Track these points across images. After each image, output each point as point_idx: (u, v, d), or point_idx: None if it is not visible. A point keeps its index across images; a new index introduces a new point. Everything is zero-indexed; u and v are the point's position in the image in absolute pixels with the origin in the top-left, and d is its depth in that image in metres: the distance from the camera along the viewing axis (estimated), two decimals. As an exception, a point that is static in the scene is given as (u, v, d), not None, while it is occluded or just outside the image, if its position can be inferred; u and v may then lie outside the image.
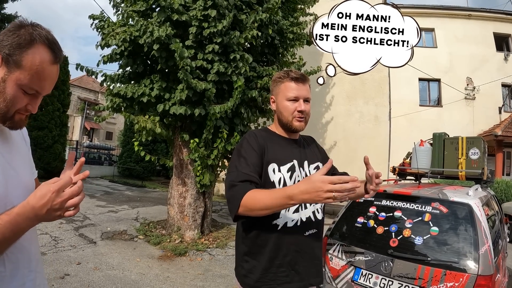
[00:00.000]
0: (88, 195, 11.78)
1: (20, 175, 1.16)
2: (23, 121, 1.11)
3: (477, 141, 4.03)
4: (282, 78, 1.82)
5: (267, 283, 1.68)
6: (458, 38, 15.37)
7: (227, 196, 1.61)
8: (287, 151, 1.81)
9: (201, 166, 6.55)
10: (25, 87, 1.03)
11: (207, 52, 6.07)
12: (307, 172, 1.83)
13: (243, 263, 1.75)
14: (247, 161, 1.65)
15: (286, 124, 1.81)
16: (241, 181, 1.58)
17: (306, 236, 1.75)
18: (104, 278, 4.63)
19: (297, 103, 1.77)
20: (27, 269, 1.16)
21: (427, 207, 3.01)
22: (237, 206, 1.53)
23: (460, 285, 2.51)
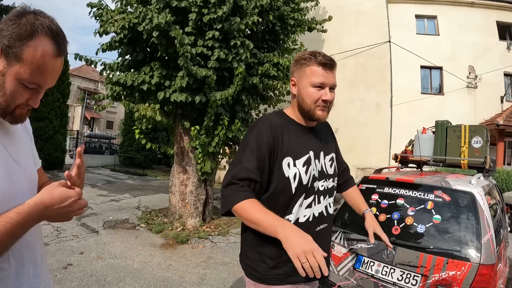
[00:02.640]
0: (90, 184, 11.82)
1: (23, 167, 1.13)
2: (24, 116, 1.07)
3: (480, 130, 4.00)
4: (308, 60, 1.64)
5: (274, 276, 1.62)
6: (461, 26, 15.23)
7: (223, 192, 1.56)
8: (304, 142, 1.70)
9: (202, 153, 6.54)
10: (25, 81, 0.97)
11: (207, 38, 6.02)
12: (323, 164, 1.74)
13: (251, 253, 1.69)
14: (253, 155, 1.55)
15: (307, 112, 1.67)
16: (242, 179, 1.51)
17: (317, 231, 1.69)
18: (106, 267, 4.65)
19: (322, 91, 1.63)
20: (32, 265, 1.15)
21: (429, 195, 2.99)
22: (228, 207, 1.50)
23: (462, 274, 2.51)
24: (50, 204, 0.96)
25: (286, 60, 6.76)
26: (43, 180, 1.32)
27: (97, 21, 6.64)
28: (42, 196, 0.97)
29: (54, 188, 1.00)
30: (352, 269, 3.13)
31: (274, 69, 6.75)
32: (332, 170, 1.80)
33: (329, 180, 1.77)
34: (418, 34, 15.33)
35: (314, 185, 1.67)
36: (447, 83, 14.99)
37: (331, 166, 1.80)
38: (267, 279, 1.62)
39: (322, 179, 1.72)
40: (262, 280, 1.63)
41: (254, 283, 1.66)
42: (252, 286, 1.68)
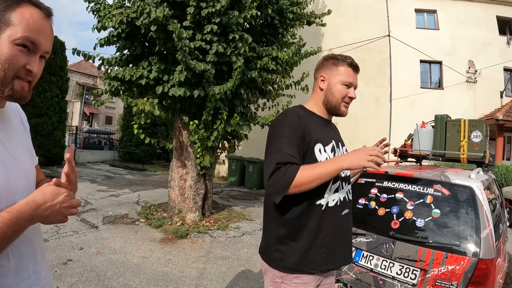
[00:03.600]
0: (89, 180, 11.81)
1: (21, 163, 1.12)
2: (25, 91, 1.04)
3: (480, 124, 3.99)
4: (341, 61, 1.85)
5: (306, 265, 1.70)
6: (461, 20, 15.18)
7: (272, 179, 1.60)
8: (327, 132, 1.86)
9: (201, 148, 6.53)
10: (19, 40, 0.97)
11: (206, 32, 5.98)
12: (342, 153, 1.89)
13: (280, 246, 1.75)
14: (291, 141, 1.65)
15: (333, 107, 1.86)
16: (287, 163, 1.59)
17: (343, 215, 1.83)
18: (106, 263, 4.66)
19: (350, 89, 1.85)
20: (32, 262, 1.14)
21: (429, 189, 2.99)
22: (286, 188, 1.57)
23: (461, 269, 2.51)
24: (42, 202, 0.96)
25: (284, 54, 6.73)
26: (40, 177, 1.31)
27: (94, 16, 6.60)
28: (33, 194, 0.98)
29: (44, 186, 1.00)
30: (351, 263, 3.13)
31: (273, 63, 6.73)
32: None
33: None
34: (418, 29, 15.27)
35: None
36: (447, 77, 14.97)
37: None
38: (299, 268, 1.70)
39: None
40: (294, 269, 1.71)
41: (284, 274, 1.72)
42: (278, 279, 1.75)
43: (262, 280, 4.45)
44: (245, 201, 10.12)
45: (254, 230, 6.76)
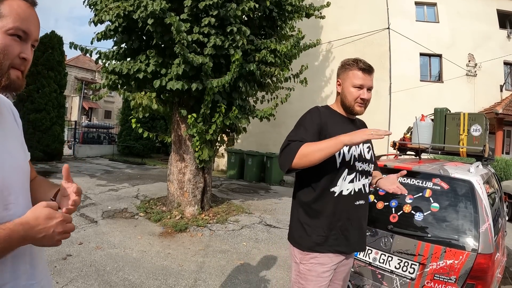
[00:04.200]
0: (88, 174, 11.81)
1: (16, 159, 1.13)
2: (20, 80, 1.06)
3: (479, 118, 3.97)
4: (351, 66, 2.05)
5: (320, 245, 1.95)
6: (461, 13, 15.05)
7: (283, 151, 1.88)
8: (346, 128, 2.02)
9: (200, 141, 6.52)
10: (11, 30, 1.00)
11: (203, 25, 5.93)
12: (362, 149, 2.10)
13: (299, 226, 2.03)
14: (307, 131, 1.92)
15: (348, 107, 2.07)
16: (298, 141, 1.85)
17: (356, 205, 2.04)
18: (106, 257, 4.67)
19: (361, 91, 2.02)
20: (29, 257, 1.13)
21: (428, 183, 2.98)
22: (292, 157, 1.80)
23: (460, 263, 2.52)
24: (35, 224, 0.96)
25: (283, 46, 6.69)
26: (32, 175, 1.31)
27: (91, 10, 6.56)
28: (27, 215, 0.98)
29: (39, 208, 0.99)
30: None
31: (272, 55, 6.69)
32: (369, 156, 2.17)
33: (366, 164, 2.12)
34: (418, 21, 15.15)
35: (356, 165, 2.04)
36: (447, 71, 14.89)
37: (368, 153, 2.17)
38: (313, 247, 1.96)
39: (361, 161, 2.08)
40: (309, 248, 1.97)
41: (302, 255, 2.00)
42: (297, 259, 2.03)
43: (261, 273, 4.48)
44: (244, 194, 10.13)
45: (253, 224, 6.77)
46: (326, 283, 1.99)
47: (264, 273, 4.53)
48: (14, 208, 1.07)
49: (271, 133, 14.44)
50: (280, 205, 8.79)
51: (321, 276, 1.97)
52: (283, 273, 4.54)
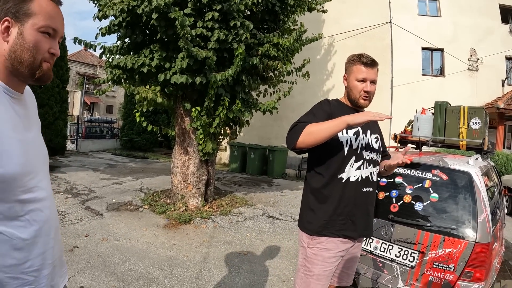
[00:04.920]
0: (92, 168, 11.89)
1: (38, 145, 1.26)
2: (50, 71, 1.18)
3: (479, 111, 4.01)
4: (355, 61, 2.16)
5: (327, 228, 2.06)
6: (463, 8, 14.98)
7: (290, 130, 2.00)
8: None
9: (203, 134, 6.59)
10: (42, 28, 1.10)
11: (207, 19, 5.98)
12: (369, 139, 2.20)
13: (308, 211, 2.15)
14: (316, 117, 2.03)
15: (353, 100, 2.18)
16: (303, 122, 1.98)
17: (364, 192, 2.14)
18: (112, 249, 4.74)
19: (364, 84, 2.13)
20: (47, 237, 1.21)
21: (427, 174, 3.05)
22: (298, 134, 1.92)
23: (458, 252, 2.58)
24: None
25: (286, 40, 6.73)
26: None
27: (95, 5, 6.60)
28: None
29: None
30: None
31: (274, 49, 6.74)
32: (376, 146, 2.25)
33: (373, 153, 2.22)
34: (420, 15, 15.11)
35: (363, 153, 2.14)
36: (448, 65, 14.86)
37: (375, 143, 2.25)
38: (320, 231, 2.07)
39: (368, 150, 2.18)
40: (316, 232, 2.08)
41: (309, 239, 2.11)
42: (304, 243, 2.15)
43: (264, 263, 4.57)
44: (247, 187, 10.20)
45: (256, 215, 6.85)
46: (331, 268, 2.09)
47: (268, 263, 4.61)
48: (38, 191, 1.17)
49: (273, 127, 14.48)
50: (282, 198, 8.86)
51: (326, 261, 2.07)
52: (286, 263, 4.63)
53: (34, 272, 1.16)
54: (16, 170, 1.05)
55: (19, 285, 1.11)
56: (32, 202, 1.14)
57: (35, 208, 1.15)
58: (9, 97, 1.11)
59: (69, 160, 13.66)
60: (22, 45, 1.08)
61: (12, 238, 1.07)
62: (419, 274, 2.75)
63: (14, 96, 1.14)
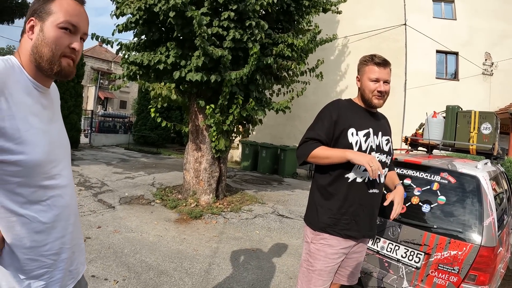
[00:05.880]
0: (105, 162, 12.06)
1: (62, 137, 1.35)
2: (71, 67, 1.24)
3: (490, 116, 4.02)
4: (367, 61, 2.19)
5: (331, 226, 2.10)
6: (478, 11, 14.74)
7: (299, 148, 2.15)
8: (365, 120, 2.20)
9: (217, 131, 6.67)
10: (62, 24, 1.17)
11: (223, 19, 6.06)
12: (380, 141, 2.22)
13: (314, 207, 2.20)
14: (324, 125, 2.11)
15: (367, 100, 2.20)
16: (312, 138, 2.11)
17: (370, 193, 2.15)
18: (123, 240, 4.85)
19: (378, 84, 2.15)
20: (66, 222, 1.30)
21: (436, 176, 3.07)
22: (306, 155, 2.09)
23: (463, 254, 2.61)
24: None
25: (300, 41, 6.77)
26: None
27: (113, 3, 6.73)
28: None
29: None
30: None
31: (289, 49, 6.78)
32: (387, 148, 2.27)
33: (383, 155, 2.23)
34: (435, 18, 14.94)
35: (372, 155, 2.13)
36: (463, 69, 14.66)
37: (386, 145, 2.27)
38: (324, 228, 2.12)
39: (378, 152, 2.20)
40: (320, 228, 2.13)
41: (313, 235, 2.17)
42: (308, 239, 2.21)
43: (272, 260, 4.63)
44: (258, 185, 10.24)
45: (266, 213, 6.90)
46: (333, 264, 2.13)
47: (276, 260, 4.68)
48: (60, 179, 1.27)
49: (285, 126, 14.49)
50: (292, 197, 8.89)
51: (329, 257, 2.11)
52: (293, 261, 4.68)
53: (53, 256, 1.24)
54: (41, 158, 1.14)
55: (37, 267, 1.19)
56: (54, 188, 1.23)
57: (56, 194, 1.24)
58: (37, 91, 1.20)
59: (83, 154, 13.86)
60: (42, 41, 1.15)
61: (32, 221, 1.16)
62: (424, 275, 2.78)
63: (41, 91, 1.23)
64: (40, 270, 1.20)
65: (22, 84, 1.14)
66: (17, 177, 1.09)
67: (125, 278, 3.76)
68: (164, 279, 3.84)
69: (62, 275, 1.29)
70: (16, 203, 1.11)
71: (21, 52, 1.19)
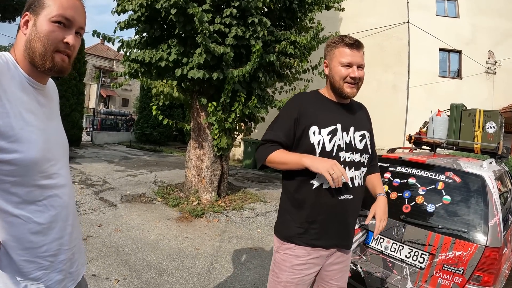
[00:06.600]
0: (107, 160, 12.05)
1: (60, 135, 1.32)
2: (65, 63, 1.20)
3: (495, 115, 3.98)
4: (337, 43, 1.85)
5: (298, 237, 1.85)
6: (482, 9, 14.70)
7: (257, 151, 1.91)
8: (332, 115, 1.88)
9: (219, 129, 6.65)
10: (55, 17, 1.13)
11: (225, 16, 6.03)
12: (351, 138, 1.89)
13: (283, 215, 1.95)
14: (283, 124, 1.86)
15: (337, 89, 1.86)
16: (269, 140, 1.86)
17: (340, 200, 1.83)
18: (125, 239, 4.83)
19: (350, 69, 1.81)
20: (64, 223, 1.27)
21: (440, 175, 3.04)
22: (263, 159, 1.86)
23: (468, 255, 2.57)
24: None
25: (303, 38, 6.73)
26: None
27: (114, 0, 6.70)
28: None
29: None
30: (362, 245, 3.24)
31: (291, 47, 6.75)
32: (361, 145, 1.93)
33: (357, 154, 1.90)
34: (438, 16, 14.89)
35: (340, 155, 1.83)
36: (466, 67, 14.61)
37: (360, 141, 1.93)
38: (289, 237, 1.88)
39: (350, 151, 1.87)
40: (286, 238, 1.89)
41: (279, 244, 1.93)
42: (276, 247, 1.97)
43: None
44: (260, 183, 10.22)
45: (269, 212, 6.89)
46: (301, 276, 1.87)
47: (278, 259, 4.64)
48: (57, 178, 1.23)
49: (287, 124, 14.47)
50: (294, 196, 8.80)
51: (295, 268, 1.87)
52: (296, 260, 4.65)
53: (50, 257, 1.21)
54: (36, 156, 1.11)
55: (34, 269, 1.16)
56: (52, 188, 1.20)
57: (53, 194, 1.21)
58: (33, 88, 1.17)
59: (84, 152, 13.85)
60: (35, 36, 1.12)
61: (27, 222, 1.12)
62: (428, 275, 2.75)
63: (37, 87, 1.19)
64: (37, 272, 1.17)
65: (17, 80, 1.11)
66: (11, 176, 1.06)
67: (126, 277, 3.74)
68: (166, 278, 3.82)
69: (61, 277, 1.26)
70: (10, 203, 1.08)
71: (16, 48, 1.16)
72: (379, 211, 2.00)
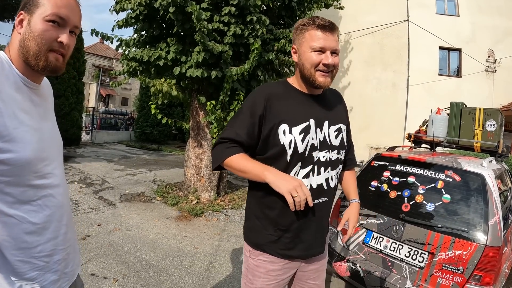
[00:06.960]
0: (106, 159, 12.04)
1: (54, 136, 1.30)
2: (59, 62, 1.18)
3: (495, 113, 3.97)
4: (307, 25, 1.58)
5: (269, 245, 1.66)
6: (482, 8, 14.69)
7: (214, 149, 1.66)
8: (304, 110, 1.64)
9: (218, 128, 6.62)
10: (49, 16, 1.11)
11: (223, 14, 6.01)
12: (326, 134, 1.67)
13: (252, 220, 1.74)
14: (244, 121, 1.59)
15: (308, 78, 1.60)
16: (229, 139, 1.60)
17: (315, 204, 1.62)
18: (124, 238, 4.82)
19: (323, 55, 1.55)
20: (59, 223, 1.26)
21: (440, 174, 3.02)
22: (219, 162, 1.60)
23: (468, 254, 2.56)
24: None
25: (302, 37, 6.70)
26: None
27: (112, -2, 6.69)
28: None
29: None
30: (362, 244, 3.22)
31: (290, 45, 6.73)
32: (337, 141, 1.72)
33: (333, 152, 1.69)
34: (438, 14, 14.87)
35: (313, 155, 1.62)
36: (466, 65, 14.61)
37: (336, 137, 1.72)
38: (261, 246, 1.69)
39: (324, 149, 1.66)
40: (257, 246, 1.70)
41: (251, 249, 1.73)
42: (247, 252, 1.76)
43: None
44: (259, 183, 10.13)
45: (267, 211, 6.83)
46: (276, 282, 1.71)
47: (277, 258, 4.63)
48: (52, 178, 1.22)
49: (286, 123, 14.47)
50: (293, 194, 8.80)
51: (270, 274, 1.69)
52: (295, 259, 4.64)
53: (45, 258, 1.20)
54: (30, 156, 1.09)
55: (29, 269, 1.15)
56: (46, 187, 1.18)
57: (48, 193, 1.19)
58: (27, 87, 1.16)
59: (84, 151, 13.84)
60: (29, 34, 1.10)
61: (22, 222, 1.11)
62: (428, 275, 2.73)
63: (31, 87, 1.18)
64: (32, 272, 1.16)
65: (11, 80, 1.10)
66: (5, 176, 1.05)
67: (124, 276, 3.73)
68: (164, 277, 3.81)
69: (56, 277, 1.25)
70: (5, 203, 1.06)
71: (11, 47, 1.15)
72: (352, 219, 1.83)
